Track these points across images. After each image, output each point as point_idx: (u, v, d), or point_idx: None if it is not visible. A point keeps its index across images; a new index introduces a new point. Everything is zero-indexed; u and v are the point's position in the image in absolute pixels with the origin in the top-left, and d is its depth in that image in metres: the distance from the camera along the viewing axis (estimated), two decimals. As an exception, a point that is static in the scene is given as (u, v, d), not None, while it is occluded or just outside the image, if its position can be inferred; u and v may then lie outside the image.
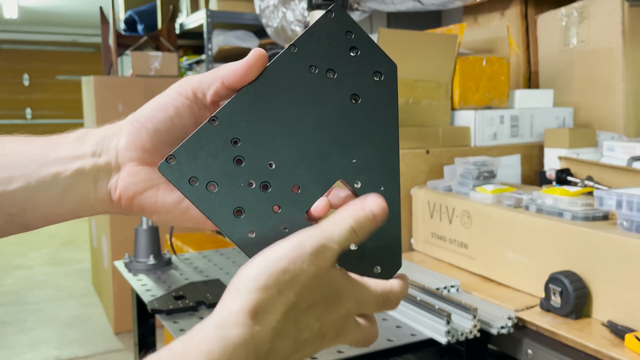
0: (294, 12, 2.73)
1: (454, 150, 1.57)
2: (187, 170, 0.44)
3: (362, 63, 0.46)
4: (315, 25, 0.46)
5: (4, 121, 8.38)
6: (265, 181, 0.44)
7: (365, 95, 0.46)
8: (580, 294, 0.99)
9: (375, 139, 0.46)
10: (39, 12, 7.25)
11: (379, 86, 0.46)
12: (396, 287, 0.45)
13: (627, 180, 1.26)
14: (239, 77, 0.45)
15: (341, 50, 0.46)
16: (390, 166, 0.47)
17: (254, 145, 0.45)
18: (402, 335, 0.99)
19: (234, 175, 0.44)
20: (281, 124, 0.45)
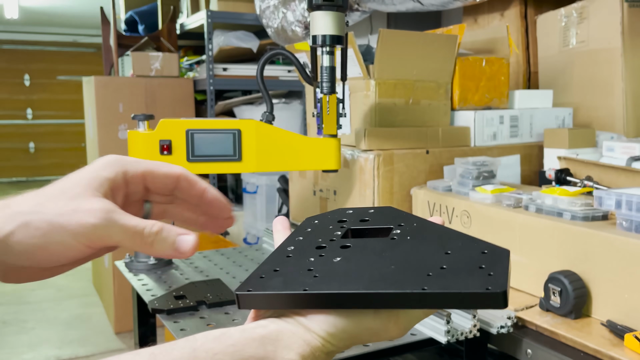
0: (294, 12, 2.74)
1: (454, 150, 1.57)
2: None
3: (480, 259, 0.48)
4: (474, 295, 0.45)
5: (5, 121, 8.38)
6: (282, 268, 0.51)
7: (455, 256, 0.49)
8: (580, 294, 1.00)
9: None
10: (40, 13, 7.25)
11: (474, 270, 0.47)
12: None
13: (627, 180, 1.26)
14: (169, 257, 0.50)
15: (474, 259, 0.49)
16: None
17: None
18: (402, 334, 1.00)
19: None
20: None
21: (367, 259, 0.50)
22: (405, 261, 0.49)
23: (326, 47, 1.26)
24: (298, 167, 1.31)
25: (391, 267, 0.48)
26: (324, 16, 1.22)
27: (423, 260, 0.48)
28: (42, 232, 0.45)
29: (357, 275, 0.47)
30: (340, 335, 0.46)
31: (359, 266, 0.49)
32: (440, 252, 0.49)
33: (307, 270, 0.49)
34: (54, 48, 8.64)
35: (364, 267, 0.49)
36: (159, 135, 1.25)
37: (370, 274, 0.47)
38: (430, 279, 0.46)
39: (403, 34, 1.56)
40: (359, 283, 0.46)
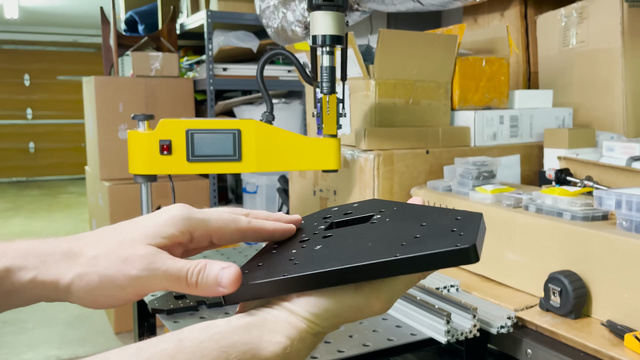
0: (294, 12, 2.74)
1: (454, 150, 1.57)
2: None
3: (452, 224, 0.50)
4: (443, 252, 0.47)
5: (5, 121, 8.39)
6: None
7: (429, 227, 0.50)
8: (580, 294, 1.00)
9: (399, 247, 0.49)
10: (40, 13, 7.25)
11: (447, 235, 0.48)
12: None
13: (627, 180, 1.26)
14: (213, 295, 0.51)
15: (445, 228, 0.50)
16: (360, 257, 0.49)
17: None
18: (402, 334, 1.00)
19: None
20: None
21: (346, 242, 0.51)
22: (382, 238, 0.50)
23: (326, 47, 1.26)
24: (298, 167, 1.31)
25: (368, 245, 0.49)
26: (324, 16, 1.22)
27: (399, 234, 0.50)
28: (95, 285, 0.49)
29: (335, 256, 0.48)
30: (324, 315, 0.47)
31: (338, 249, 0.50)
32: (415, 226, 0.50)
33: (289, 260, 0.51)
34: (54, 48, 8.64)
35: (342, 248, 0.50)
36: (159, 135, 1.25)
37: (348, 253, 0.48)
38: (404, 247, 0.47)
39: (403, 34, 1.56)
40: (336, 261, 0.47)
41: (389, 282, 0.49)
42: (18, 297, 0.50)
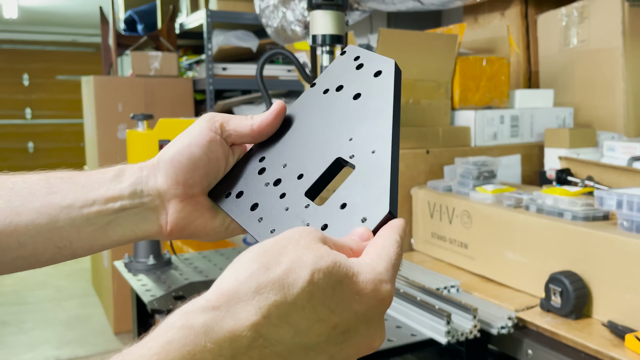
0: (294, 12, 2.73)
1: (454, 150, 1.56)
2: (225, 190, 0.54)
3: (365, 71, 0.54)
4: (331, 64, 0.57)
5: (4, 121, 8.38)
6: (278, 178, 0.53)
7: (365, 92, 0.53)
8: (581, 294, 0.99)
9: (370, 119, 0.51)
10: (39, 12, 7.25)
11: (378, 81, 0.53)
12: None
13: (628, 180, 1.26)
14: (270, 127, 0.55)
15: (349, 70, 0.55)
16: (383, 134, 0.50)
17: (274, 157, 0.54)
18: (402, 335, 0.99)
19: (256, 182, 0.54)
20: (297, 135, 0.55)
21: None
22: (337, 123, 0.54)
23: (326, 46, 1.25)
24: (298, 167, 1.30)
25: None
26: (324, 15, 1.22)
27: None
28: (178, 140, 0.53)
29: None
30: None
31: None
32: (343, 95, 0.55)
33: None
34: (53, 48, 8.63)
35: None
36: (158, 134, 1.24)
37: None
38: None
39: (403, 33, 1.55)
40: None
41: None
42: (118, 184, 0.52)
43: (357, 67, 0.55)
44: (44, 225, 0.50)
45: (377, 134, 0.50)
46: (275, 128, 0.56)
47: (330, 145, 0.52)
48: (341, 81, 0.55)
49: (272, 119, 0.55)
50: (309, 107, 0.56)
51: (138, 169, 0.53)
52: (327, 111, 0.54)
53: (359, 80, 0.54)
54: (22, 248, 0.49)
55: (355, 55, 0.56)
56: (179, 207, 0.53)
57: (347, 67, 0.56)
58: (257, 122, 0.54)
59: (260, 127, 0.54)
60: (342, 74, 0.56)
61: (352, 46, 0.57)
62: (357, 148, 0.50)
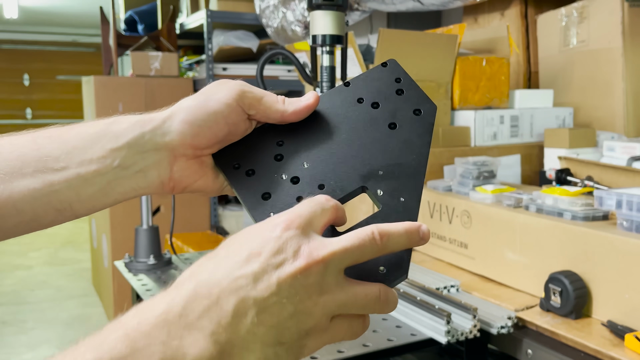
0: (294, 12, 2.73)
1: (454, 150, 1.57)
2: (233, 159, 0.52)
3: (404, 101, 0.55)
4: (370, 71, 0.56)
5: (4, 121, 8.38)
6: (296, 176, 0.51)
7: (402, 125, 0.53)
8: (580, 294, 0.99)
9: (404, 157, 0.52)
10: (39, 12, 7.25)
11: (416, 120, 0.54)
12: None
13: (627, 180, 1.26)
14: (298, 117, 0.53)
15: (388, 91, 0.55)
16: (414, 181, 0.51)
17: (295, 149, 0.53)
18: (402, 335, 0.99)
19: (271, 168, 0.52)
20: (323, 136, 0.53)
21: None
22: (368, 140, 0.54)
23: (326, 46, 1.26)
24: (298, 167, 1.30)
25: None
26: (324, 16, 1.22)
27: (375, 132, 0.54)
28: (199, 103, 0.50)
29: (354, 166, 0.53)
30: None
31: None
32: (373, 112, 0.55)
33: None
34: (54, 48, 8.63)
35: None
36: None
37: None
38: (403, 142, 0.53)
39: (403, 33, 1.56)
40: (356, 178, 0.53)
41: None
42: (114, 142, 0.49)
43: (397, 92, 0.55)
44: (40, 189, 0.48)
45: (409, 182, 0.50)
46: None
47: (358, 166, 0.51)
48: (378, 98, 0.54)
49: (305, 111, 0.53)
50: (339, 111, 0.54)
51: (138, 123, 0.50)
52: (359, 125, 0.53)
53: (397, 108, 0.54)
54: (21, 214, 0.48)
55: (397, 77, 0.56)
56: (184, 166, 0.52)
57: (386, 85, 0.55)
58: (289, 111, 0.52)
59: (290, 117, 0.52)
60: (380, 91, 0.55)
61: (394, 62, 0.56)
62: (387, 187, 0.50)
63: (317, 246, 0.40)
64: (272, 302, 0.38)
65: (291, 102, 0.53)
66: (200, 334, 0.37)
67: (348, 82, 0.56)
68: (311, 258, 0.40)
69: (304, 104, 0.53)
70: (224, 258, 0.40)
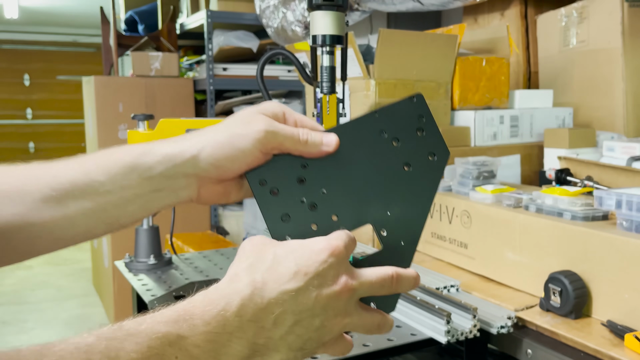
0: (294, 12, 2.74)
1: (454, 150, 1.57)
2: (262, 177, 0.57)
3: (423, 142, 0.58)
4: (398, 103, 0.59)
5: (5, 121, 8.38)
6: (314, 203, 0.56)
7: (416, 167, 0.57)
8: (580, 294, 0.99)
9: (411, 203, 0.56)
10: (40, 13, 7.25)
11: (430, 164, 0.57)
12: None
13: (627, 180, 1.26)
14: (317, 157, 0.57)
15: (411, 127, 0.58)
16: (415, 228, 0.55)
17: (316, 174, 0.57)
18: (402, 334, 0.99)
19: (293, 190, 0.56)
20: (343, 164, 0.57)
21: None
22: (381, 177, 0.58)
23: (326, 47, 1.26)
24: (298, 167, 1.30)
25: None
26: (324, 16, 1.22)
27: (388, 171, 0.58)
28: (226, 140, 0.56)
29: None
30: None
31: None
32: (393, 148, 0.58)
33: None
34: (54, 48, 8.63)
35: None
36: (158, 135, 1.25)
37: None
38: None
39: (403, 33, 1.56)
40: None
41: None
42: (148, 172, 0.57)
43: (418, 130, 0.58)
44: (91, 208, 0.57)
45: (410, 226, 0.55)
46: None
47: (370, 202, 0.55)
48: (399, 133, 0.58)
49: (323, 154, 0.57)
50: (362, 140, 0.57)
51: (168, 157, 0.57)
52: (378, 159, 0.57)
53: (414, 148, 0.57)
54: (77, 228, 0.58)
55: (421, 114, 0.58)
56: (210, 188, 0.59)
57: (409, 121, 0.58)
58: (310, 152, 0.57)
59: (310, 156, 0.57)
60: (402, 125, 0.58)
61: (421, 98, 0.59)
62: (391, 228, 0.55)
63: (351, 276, 0.49)
64: (306, 316, 0.47)
65: (313, 144, 0.57)
66: (243, 339, 0.46)
67: (376, 111, 0.59)
68: (345, 286, 0.48)
69: (324, 151, 0.57)
70: (274, 264, 0.49)
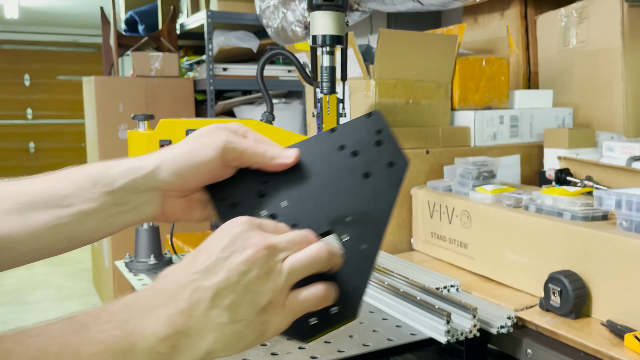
0: (294, 12, 2.74)
1: (454, 150, 1.57)
2: (222, 192, 0.59)
3: (382, 154, 0.59)
4: (356, 120, 0.61)
5: (5, 121, 8.38)
6: (274, 214, 0.57)
7: (376, 176, 0.58)
8: (580, 294, 1.00)
9: (372, 209, 0.57)
10: (40, 13, 7.26)
11: (389, 173, 0.59)
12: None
13: (627, 180, 1.26)
14: (276, 170, 0.59)
15: (369, 141, 0.60)
16: (377, 231, 0.56)
17: (276, 188, 0.58)
18: (402, 334, 1.00)
19: (254, 204, 0.58)
20: (303, 178, 0.58)
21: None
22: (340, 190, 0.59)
23: (326, 47, 1.26)
24: (298, 167, 1.30)
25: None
26: (324, 16, 1.22)
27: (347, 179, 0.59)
28: (188, 151, 0.57)
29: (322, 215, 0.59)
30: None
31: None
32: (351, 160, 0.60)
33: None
34: (54, 48, 8.63)
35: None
36: (159, 135, 1.25)
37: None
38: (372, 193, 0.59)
39: (403, 34, 1.56)
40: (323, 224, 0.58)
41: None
42: (111, 185, 0.56)
43: (377, 143, 0.60)
44: (51, 222, 0.56)
45: (373, 230, 0.55)
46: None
47: (330, 210, 0.56)
48: (358, 147, 0.59)
49: (282, 168, 0.59)
50: (322, 155, 0.59)
51: (131, 170, 0.57)
52: (337, 172, 0.58)
53: (373, 159, 0.59)
54: (36, 242, 0.56)
55: (379, 128, 0.60)
56: (173, 204, 0.60)
57: (367, 135, 0.60)
58: (269, 164, 0.58)
59: (269, 169, 0.58)
60: (361, 140, 0.60)
61: (379, 114, 0.61)
62: (352, 234, 0.55)
63: (263, 237, 0.49)
64: (223, 287, 0.46)
65: (272, 156, 0.58)
66: (157, 318, 0.45)
67: (334, 128, 0.61)
68: (257, 245, 0.48)
69: (282, 162, 0.58)
70: (187, 259, 0.49)
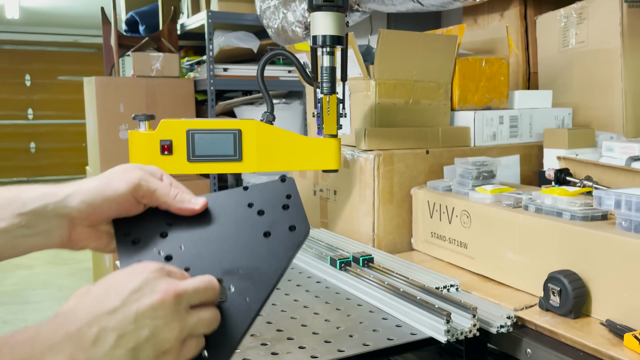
0: (295, 13, 2.74)
1: (454, 150, 1.57)
2: (127, 227, 0.62)
3: (287, 217, 0.62)
4: (269, 182, 0.65)
5: (6, 121, 8.39)
6: (170, 255, 0.60)
7: (275, 237, 0.61)
8: (579, 294, 1.00)
9: (264, 266, 0.59)
10: (41, 13, 7.26)
11: (289, 236, 0.61)
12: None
13: (626, 180, 1.26)
14: (184, 214, 0.62)
15: (277, 203, 0.63)
16: (264, 288, 0.58)
17: (179, 231, 0.61)
18: (402, 334, 1.00)
19: (154, 242, 0.61)
20: (207, 226, 0.62)
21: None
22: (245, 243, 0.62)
23: (326, 47, 1.26)
24: (298, 167, 1.31)
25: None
26: (324, 17, 1.23)
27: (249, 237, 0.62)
28: (102, 182, 0.60)
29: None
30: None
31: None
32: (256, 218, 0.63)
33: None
34: (55, 48, 8.64)
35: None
36: (159, 135, 1.25)
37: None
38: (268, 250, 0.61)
39: (403, 34, 1.56)
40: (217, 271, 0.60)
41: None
42: (22, 207, 0.58)
43: (284, 207, 0.63)
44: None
45: (260, 287, 0.57)
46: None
47: (224, 260, 0.59)
48: (265, 207, 0.63)
49: (189, 213, 0.62)
50: (230, 209, 0.63)
51: (44, 195, 0.59)
52: (240, 226, 0.62)
53: (277, 220, 0.62)
54: None
55: (289, 194, 0.64)
56: (81, 231, 0.62)
57: (277, 198, 0.64)
58: (175, 207, 0.61)
59: (177, 212, 0.62)
60: (269, 201, 0.64)
61: (292, 180, 0.65)
62: (239, 286, 0.57)
63: (173, 284, 0.50)
64: (130, 329, 0.48)
65: (181, 200, 0.62)
66: (60, 354, 0.47)
67: (247, 187, 0.65)
68: (167, 292, 0.49)
69: (190, 207, 0.62)
70: (94, 296, 0.51)
